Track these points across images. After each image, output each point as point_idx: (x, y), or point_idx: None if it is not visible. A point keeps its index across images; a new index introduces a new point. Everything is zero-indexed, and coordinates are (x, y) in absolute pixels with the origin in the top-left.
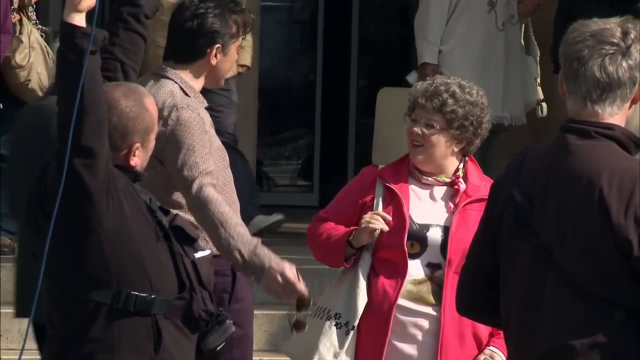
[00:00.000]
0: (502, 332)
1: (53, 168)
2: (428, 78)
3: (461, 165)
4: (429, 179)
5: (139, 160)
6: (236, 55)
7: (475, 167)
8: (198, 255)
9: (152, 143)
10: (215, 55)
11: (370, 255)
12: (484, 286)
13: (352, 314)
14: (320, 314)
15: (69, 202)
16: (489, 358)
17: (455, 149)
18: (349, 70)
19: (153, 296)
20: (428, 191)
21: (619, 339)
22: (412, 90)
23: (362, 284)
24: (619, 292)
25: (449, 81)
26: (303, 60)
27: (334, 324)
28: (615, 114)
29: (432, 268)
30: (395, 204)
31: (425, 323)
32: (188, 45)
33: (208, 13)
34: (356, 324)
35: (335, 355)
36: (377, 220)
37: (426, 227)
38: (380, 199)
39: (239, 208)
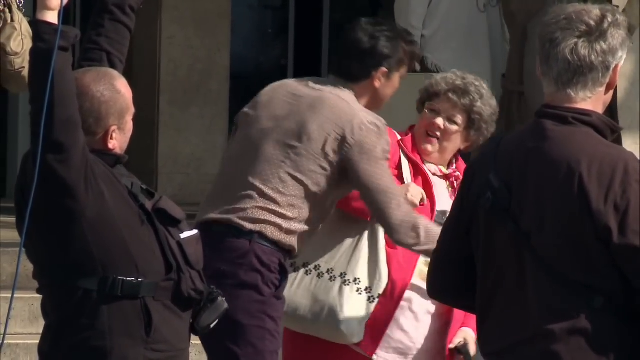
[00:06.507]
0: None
1: (30, 163)
2: (453, 71)
3: (454, 159)
4: (433, 166)
5: (117, 142)
6: (398, 84)
7: (461, 160)
8: (184, 235)
9: (129, 125)
10: (380, 79)
11: None
12: (456, 271)
13: (376, 282)
14: (319, 272)
15: (48, 195)
16: (462, 341)
17: (462, 147)
18: (321, 55)
19: (140, 279)
20: (435, 178)
21: (598, 324)
22: (437, 80)
23: (383, 254)
24: (597, 278)
25: (477, 83)
26: (275, 45)
27: (355, 289)
28: (587, 98)
29: None
30: (421, 182)
31: (428, 304)
32: (356, 64)
33: (382, 36)
34: (380, 292)
35: (360, 323)
36: (417, 198)
37: (444, 213)
38: (408, 172)
39: None
